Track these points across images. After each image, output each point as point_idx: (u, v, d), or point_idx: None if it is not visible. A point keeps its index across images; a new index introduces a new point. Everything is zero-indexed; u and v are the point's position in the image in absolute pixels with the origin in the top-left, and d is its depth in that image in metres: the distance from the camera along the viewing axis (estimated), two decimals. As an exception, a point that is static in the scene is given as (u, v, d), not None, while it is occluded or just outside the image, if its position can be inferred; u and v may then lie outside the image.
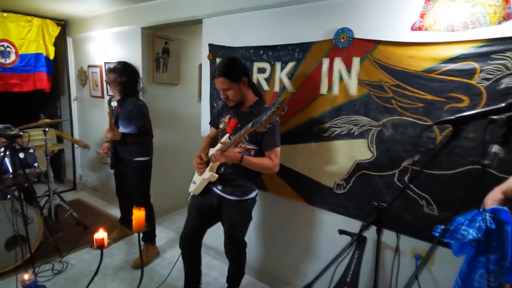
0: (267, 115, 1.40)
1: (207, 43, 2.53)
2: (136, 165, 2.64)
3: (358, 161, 1.88)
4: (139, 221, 1.30)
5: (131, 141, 2.54)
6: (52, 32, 3.84)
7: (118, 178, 2.89)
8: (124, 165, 2.68)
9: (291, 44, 2.07)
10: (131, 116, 2.53)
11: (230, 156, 1.66)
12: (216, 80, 1.73)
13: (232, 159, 1.67)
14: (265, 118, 1.40)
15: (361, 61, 1.79)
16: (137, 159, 2.63)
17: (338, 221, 2.02)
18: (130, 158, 2.63)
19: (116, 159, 2.69)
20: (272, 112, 1.38)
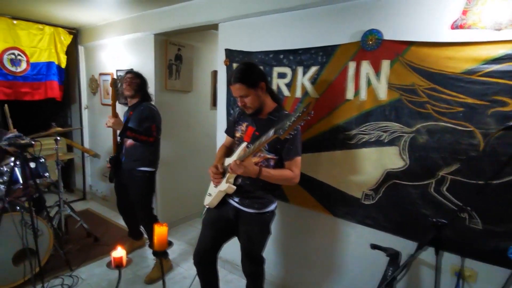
0: (291, 121, 1.27)
1: (224, 48, 2.46)
2: (140, 175, 2.52)
3: (389, 170, 1.76)
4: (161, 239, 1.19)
5: (131, 136, 2.38)
6: (64, 41, 3.82)
7: (119, 189, 2.74)
8: (127, 174, 2.56)
9: (314, 47, 1.97)
10: (140, 116, 2.45)
11: (248, 168, 1.54)
12: (233, 87, 1.63)
13: (250, 172, 1.55)
14: (289, 124, 1.28)
15: (392, 64, 1.69)
16: (141, 168, 2.52)
17: (366, 234, 1.89)
18: (133, 167, 2.51)
19: (117, 169, 2.59)
20: (297, 117, 1.25)
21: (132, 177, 2.54)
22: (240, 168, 1.53)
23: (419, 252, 1.17)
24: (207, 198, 1.83)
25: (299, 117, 1.24)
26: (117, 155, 2.57)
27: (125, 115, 2.61)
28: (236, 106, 2.43)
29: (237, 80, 1.59)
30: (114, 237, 3.17)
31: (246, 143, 1.67)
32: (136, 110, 2.52)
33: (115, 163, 2.58)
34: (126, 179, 2.59)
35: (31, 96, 3.66)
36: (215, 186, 1.77)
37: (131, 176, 2.54)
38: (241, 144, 1.70)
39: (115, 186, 2.76)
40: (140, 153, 2.49)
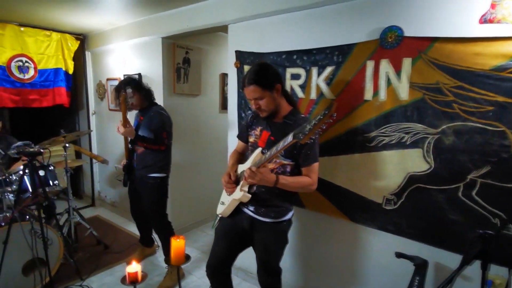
0: (312, 124, 1.18)
1: (234, 50, 2.39)
2: (152, 182, 2.47)
3: (412, 174, 1.67)
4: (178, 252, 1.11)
5: (142, 145, 2.36)
6: (71, 47, 3.80)
7: (133, 196, 2.70)
8: (139, 181, 2.52)
9: (329, 47, 1.90)
10: (151, 122, 2.40)
11: (264, 176, 1.45)
12: (247, 89, 1.55)
13: (266, 181, 1.47)
14: (309, 128, 1.19)
15: (413, 62, 1.61)
16: (153, 175, 2.46)
17: (388, 241, 1.81)
18: (145, 174, 2.47)
19: (130, 175, 2.54)
20: (318, 120, 1.16)
21: (144, 184, 2.50)
22: (256, 176, 1.44)
23: (465, 267, 1.07)
24: (220, 207, 1.76)
25: (320, 120, 1.16)
26: (129, 162, 2.52)
27: (136, 119, 2.56)
28: (248, 109, 2.37)
29: (252, 82, 1.51)
30: (124, 244, 3.12)
31: (261, 149, 1.59)
32: (146, 116, 2.46)
33: (128, 170, 2.54)
34: (138, 186, 2.54)
35: (39, 103, 3.64)
36: (228, 194, 1.70)
37: (143, 183, 2.50)
38: (255, 150, 1.63)
39: (128, 192, 2.72)
40: (150, 159, 2.44)
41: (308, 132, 1.18)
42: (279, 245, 1.70)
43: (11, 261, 2.19)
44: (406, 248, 1.72)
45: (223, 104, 3.72)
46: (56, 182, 2.64)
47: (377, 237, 1.85)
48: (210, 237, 3.38)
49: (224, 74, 3.66)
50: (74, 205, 3.08)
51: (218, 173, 3.72)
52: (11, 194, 2.40)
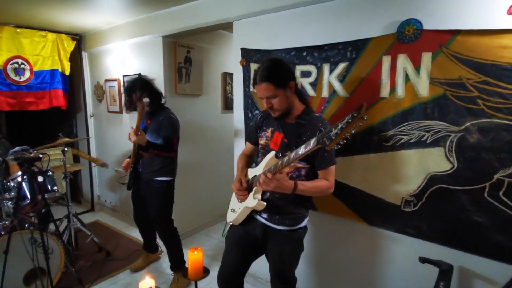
0: (339, 129, 1.07)
1: (239, 47, 2.30)
2: (158, 186, 2.38)
3: (433, 174, 1.60)
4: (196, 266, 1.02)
5: (153, 153, 2.27)
6: (68, 47, 3.68)
7: (137, 201, 2.59)
8: (144, 185, 2.43)
9: (341, 42, 1.82)
10: (161, 127, 2.30)
11: (282, 183, 1.34)
12: (258, 87, 1.44)
13: (284, 188, 1.36)
14: (336, 133, 1.07)
15: (434, 56, 1.53)
16: (159, 178, 2.38)
17: (407, 245, 1.73)
18: (151, 178, 2.38)
19: (135, 178, 2.45)
20: (347, 123, 1.05)
21: (149, 188, 2.40)
22: (272, 183, 1.34)
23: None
24: (231, 215, 1.66)
25: (349, 124, 1.04)
26: (135, 166, 2.42)
27: (142, 123, 2.45)
28: (255, 109, 2.28)
29: (264, 79, 1.41)
30: (126, 251, 3.02)
31: (274, 152, 1.50)
32: (154, 120, 2.36)
33: (134, 174, 2.44)
34: (143, 190, 2.45)
35: (35, 106, 3.53)
36: (239, 201, 1.61)
37: (148, 187, 2.40)
38: (267, 153, 1.54)
39: (132, 197, 2.62)
40: (158, 163, 2.35)
41: (335, 137, 1.08)
42: (295, 254, 1.61)
43: (12, 271, 2.10)
44: (427, 251, 1.65)
45: (225, 104, 3.63)
46: (55, 188, 2.54)
47: (396, 240, 1.77)
48: (215, 241, 3.29)
49: (226, 73, 3.58)
50: (73, 211, 2.97)
51: (221, 174, 3.68)
52: (9, 201, 2.30)
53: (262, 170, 1.48)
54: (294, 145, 1.46)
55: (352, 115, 1.04)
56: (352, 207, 1.91)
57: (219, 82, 3.56)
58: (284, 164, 1.33)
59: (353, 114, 1.04)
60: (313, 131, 1.45)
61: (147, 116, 2.40)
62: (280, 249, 1.58)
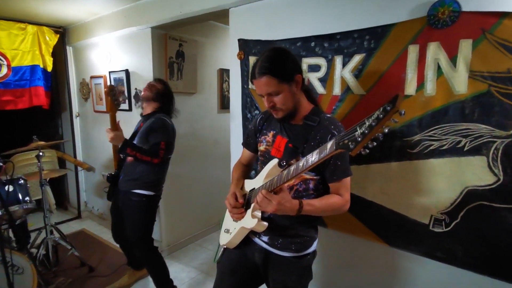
0: (366, 127, 0.79)
1: (236, 38, 2.01)
2: (136, 199, 2.05)
3: (471, 188, 1.32)
4: None
5: (132, 154, 1.94)
6: (50, 41, 3.38)
7: (115, 214, 2.25)
8: (122, 197, 2.11)
9: (357, 30, 1.53)
10: (150, 130, 2.01)
11: (283, 205, 1.08)
12: (258, 81, 1.17)
13: (286, 210, 1.10)
14: (362, 132, 0.79)
15: (475, 44, 1.25)
16: (138, 191, 2.05)
17: (436, 271, 1.45)
18: (128, 189, 2.06)
19: (115, 183, 2.14)
20: (377, 120, 0.77)
21: (127, 201, 2.09)
22: (270, 204, 1.08)
23: None
24: (224, 236, 1.37)
25: (380, 120, 0.77)
26: (117, 172, 2.12)
27: (136, 126, 2.17)
28: (255, 109, 1.99)
29: (265, 71, 1.13)
30: (112, 266, 2.72)
31: (277, 160, 1.21)
32: (147, 122, 2.08)
33: (113, 181, 2.14)
34: (121, 203, 2.14)
35: (14, 105, 3.22)
36: (234, 220, 1.32)
37: (126, 199, 2.09)
38: (268, 162, 1.25)
39: (111, 209, 2.31)
40: (139, 172, 2.04)
41: (361, 138, 0.79)
42: (302, 284, 1.31)
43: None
44: (461, 280, 1.37)
45: (221, 103, 3.34)
46: (27, 198, 2.24)
47: (422, 265, 1.49)
48: (210, 254, 3.00)
49: (223, 70, 3.28)
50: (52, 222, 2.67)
51: (217, 179, 3.38)
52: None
53: (263, 181, 1.20)
54: (301, 152, 1.18)
55: (384, 108, 0.76)
56: (368, 224, 1.63)
57: (215, 79, 3.27)
58: (291, 175, 1.04)
59: (386, 107, 0.76)
60: (323, 134, 1.18)
61: (142, 119, 2.14)
62: (285, 278, 1.29)
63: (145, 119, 2.12)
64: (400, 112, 0.76)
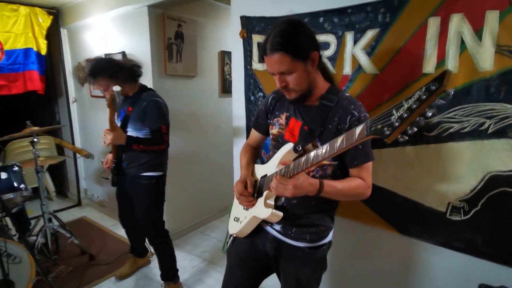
0: (405, 109, 0.66)
1: (238, 15, 1.88)
2: (146, 182, 2.00)
3: (495, 173, 1.22)
4: None
5: (139, 149, 1.86)
6: (43, 23, 3.24)
7: (122, 200, 2.22)
8: (129, 182, 2.05)
9: (371, 2, 1.40)
10: (145, 115, 1.90)
11: (302, 189, 0.99)
12: (269, 58, 1.04)
13: (305, 191, 1.00)
14: (401, 116, 0.67)
15: (502, 15, 1.13)
16: (147, 174, 2.00)
17: (453, 261, 1.37)
18: (137, 173, 2.00)
19: (119, 173, 2.07)
20: (419, 101, 0.65)
21: (136, 185, 2.03)
22: (287, 188, 0.98)
23: None
24: (234, 225, 1.29)
25: (423, 102, 0.64)
26: (118, 162, 2.04)
27: (122, 110, 2.05)
28: (258, 91, 1.88)
29: (278, 48, 1.01)
30: (113, 253, 2.67)
31: (292, 144, 1.11)
32: (136, 106, 1.94)
33: (118, 171, 2.06)
34: (129, 188, 2.07)
35: (8, 90, 3.12)
36: (244, 208, 1.24)
37: (134, 184, 2.03)
38: (282, 147, 1.15)
39: (116, 195, 2.26)
40: (144, 156, 1.97)
41: (400, 123, 0.67)
42: (316, 276, 1.25)
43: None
44: (480, 271, 1.29)
45: (223, 87, 3.22)
46: (23, 185, 2.16)
47: (438, 255, 1.41)
48: (213, 241, 2.95)
49: (224, 52, 3.15)
50: (51, 209, 2.61)
51: (219, 166, 3.29)
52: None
53: (276, 168, 1.10)
54: (318, 135, 1.08)
55: (427, 88, 0.65)
56: (379, 212, 1.54)
57: (216, 62, 3.14)
58: (311, 162, 0.94)
59: (430, 86, 0.64)
60: (342, 115, 1.07)
61: (128, 102, 1.99)
62: (298, 271, 1.22)
63: (131, 102, 1.98)
64: (448, 92, 0.64)
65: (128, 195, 2.11)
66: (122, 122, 1.96)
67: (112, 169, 2.05)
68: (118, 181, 2.10)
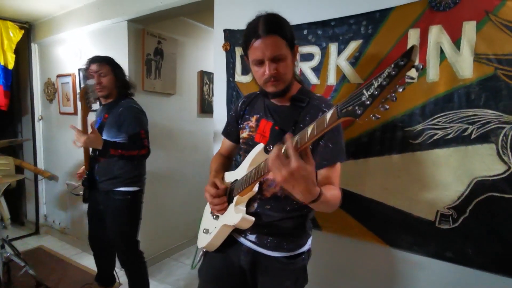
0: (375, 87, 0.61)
1: (222, 28, 1.89)
2: (120, 198, 1.86)
3: (480, 179, 1.23)
4: None
5: (117, 154, 1.73)
6: (13, 37, 3.09)
7: (93, 217, 2.03)
8: (102, 198, 1.89)
9: (353, 15, 1.45)
10: (122, 120, 1.80)
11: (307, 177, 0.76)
12: (264, 41, 0.96)
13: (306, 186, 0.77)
14: (372, 94, 0.62)
15: (479, 26, 1.19)
16: (121, 189, 1.86)
17: (445, 273, 1.33)
18: (110, 188, 1.85)
19: (91, 186, 1.90)
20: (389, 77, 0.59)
21: (109, 201, 1.87)
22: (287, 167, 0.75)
23: None
24: (203, 237, 1.18)
25: (393, 78, 0.59)
26: (90, 174, 1.88)
27: (99, 117, 1.93)
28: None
29: (275, 30, 0.97)
30: (73, 285, 2.38)
31: (262, 145, 1.06)
32: (113, 112, 1.85)
33: (90, 184, 1.89)
34: (102, 204, 1.91)
35: (-35, 104, 2.88)
36: (214, 217, 1.14)
37: (108, 199, 1.87)
38: (250, 149, 1.09)
39: (88, 212, 2.06)
40: (118, 169, 1.84)
41: (371, 101, 0.62)
42: None
43: None
44: (473, 282, 1.25)
45: (201, 107, 3.17)
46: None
47: (429, 267, 1.36)
48: (187, 269, 2.73)
49: (203, 72, 3.14)
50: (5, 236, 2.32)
51: (196, 188, 3.15)
52: None
53: (247, 171, 1.03)
54: None
55: (396, 64, 0.59)
56: (367, 225, 1.49)
57: (196, 81, 3.10)
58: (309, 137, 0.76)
59: (399, 61, 0.59)
60: (313, 114, 1.03)
61: (105, 109, 1.90)
62: (277, 285, 1.12)
63: (108, 108, 1.89)
64: (417, 67, 0.60)
65: (100, 212, 1.94)
66: (98, 129, 1.84)
67: (83, 181, 1.89)
68: (90, 196, 1.93)
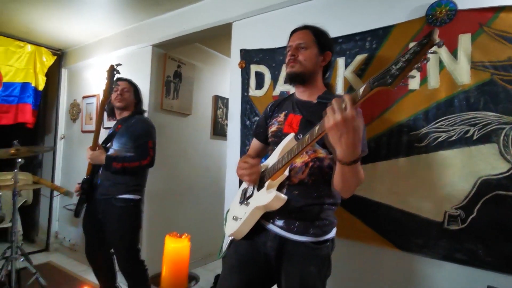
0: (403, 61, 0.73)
1: (239, 48, 2.07)
2: (122, 205, 1.90)
3: (485, 178, 1.27)
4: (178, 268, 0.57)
5: (119, 167, 1.85)
6: (46, 62, 3.38)
7: (91, 228, 2.03)
8: (103, 206, 1.93)
9: (358, 33, 1.61)
10: (132, 131, 1.94)
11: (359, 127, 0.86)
12: (296, 34, 1.28)
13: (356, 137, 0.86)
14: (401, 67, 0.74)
15: (474, 37, 1.31)
16: (124, 196, 1.90)
17: (457, 275, 1.32)
18: (112, 194, 1.90)
19: (88, 198, 1.97)
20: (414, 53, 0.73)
21: (111, 208, 1.91)
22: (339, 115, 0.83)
23: None
24: (231, 224, 1.23)
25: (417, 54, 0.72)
26: (91, 177, 1.96)
27: (112, 129, 2.08)
28: (254, 116, 1.96)
29: (309, 27, 1.28)
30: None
31: (293, 134, 1.15)
32: (126, 123, 2.01)
33: (88, 189, 1.96)
34: (101, 214, 1.94)
35: (-3, 120, 3.09)
36: (244, 203, 1.20)
37: (109, 207, 1.91)
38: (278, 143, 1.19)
39: (84, 224, 2.07)
40: (122, 177, 1.91)
41: (400, 72, 0.74)
42: (321, 278, 1.14)
43: None
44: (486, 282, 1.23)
45: (214, 129, 3.31)
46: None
47: (440, 270, 1.35)
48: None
49: (218, 96, 3.32)
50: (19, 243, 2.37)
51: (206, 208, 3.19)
52: None
53: (277, 158, 1.11)
54: None
55: (419, 43, 0.74)
56: (376, 228, 1.51)
57: (210, 104, 3.28)
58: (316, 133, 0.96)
59: (422, 41, 0.73)
60: None
61: (119, 122, 2.06)
62: (302, 270, 1.12)
63: (122, 121, 2.05)
64: (438, 43, 0.73)
65: (99, 222, 1.96)
66: (109, 138, 1.98)
67: (82, 183, 1.97)
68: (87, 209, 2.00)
